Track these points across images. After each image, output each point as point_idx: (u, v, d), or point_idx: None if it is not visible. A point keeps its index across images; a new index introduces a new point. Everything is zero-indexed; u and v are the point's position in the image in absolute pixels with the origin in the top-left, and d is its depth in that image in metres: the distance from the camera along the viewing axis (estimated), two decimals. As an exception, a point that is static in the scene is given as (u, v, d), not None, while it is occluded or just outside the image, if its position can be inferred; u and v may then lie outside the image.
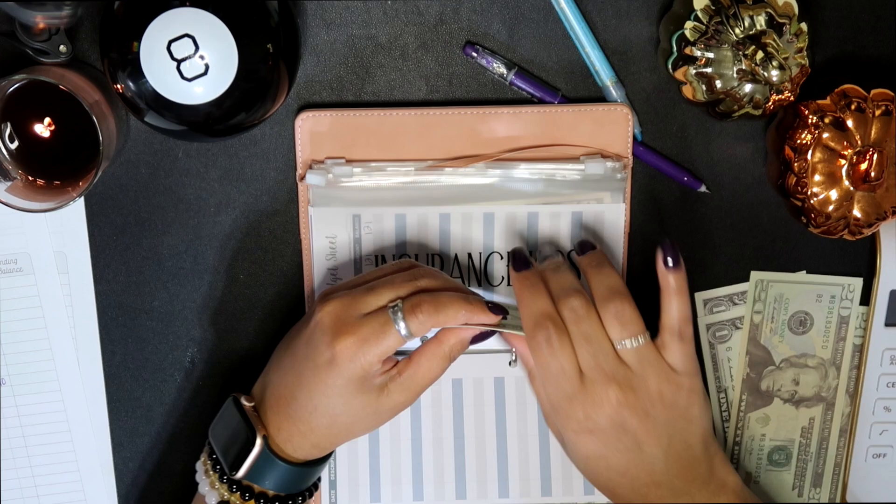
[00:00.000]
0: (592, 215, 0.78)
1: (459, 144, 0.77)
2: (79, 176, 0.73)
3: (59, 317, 0.79)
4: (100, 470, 0.82)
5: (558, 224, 0.78)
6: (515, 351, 0.75)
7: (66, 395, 0.80)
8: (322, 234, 0.78)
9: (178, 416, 0.82)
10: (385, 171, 0.77)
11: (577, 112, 0.77)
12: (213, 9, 0.67)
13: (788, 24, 0.72)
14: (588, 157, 0.77)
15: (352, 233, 0.78)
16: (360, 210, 0.77)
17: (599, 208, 0.78)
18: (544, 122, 0.77)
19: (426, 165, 0.77)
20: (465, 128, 0.77)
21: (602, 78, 0.77)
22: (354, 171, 0.77)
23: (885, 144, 0.74)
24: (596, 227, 0.78)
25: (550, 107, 0.77)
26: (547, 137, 0.77)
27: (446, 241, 0.78)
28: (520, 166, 0.77)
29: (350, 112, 0.77)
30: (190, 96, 0.68)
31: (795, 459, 0.84)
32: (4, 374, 0.79)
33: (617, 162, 0.77)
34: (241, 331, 0.81)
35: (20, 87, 0.71)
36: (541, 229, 0.78)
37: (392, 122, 0.77)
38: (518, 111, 0.77)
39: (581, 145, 0.77)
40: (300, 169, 0.77)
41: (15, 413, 0.80)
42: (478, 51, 0.76)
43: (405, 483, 0.81)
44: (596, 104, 0.77)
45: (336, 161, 0.77)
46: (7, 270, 0.78)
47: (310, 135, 0.77)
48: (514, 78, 0.77)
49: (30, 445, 0.81)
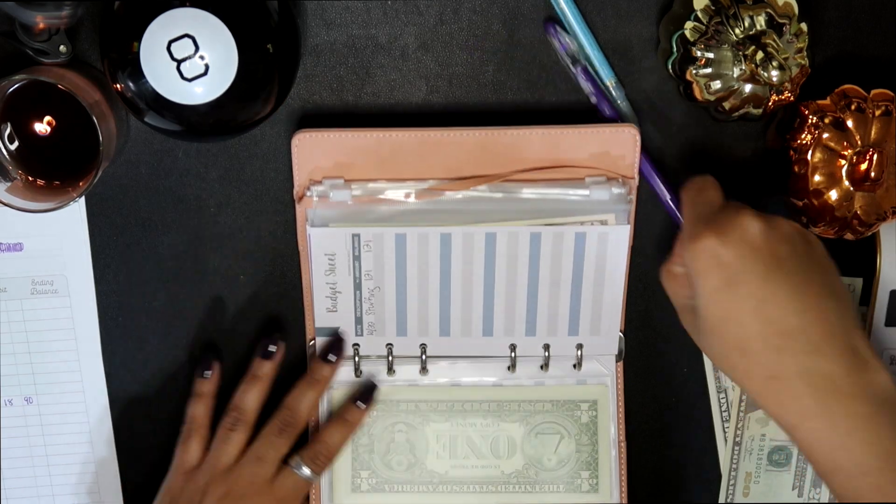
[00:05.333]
0: (596, 237, 0.77)
1: (461, 165, 0.76)
2: (79, 176, 0.73)
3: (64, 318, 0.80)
4: (105, 470, 0.82)
5: (561, 245, 0.77)
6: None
7: (66, 395, 0.81)
8: (321, 252, 0.78)
9: (178, 416, 0.82)
10: (384, 192, 0.76)
11: (582, 133, 0.76)
12: (213, 9, 0.67)
13: (788, 24, 0.72)
14: (593, 181, 0.76)
15: (351, 251, 0.77)
16: (360, 230, 0.77)
17: (604, 230, 0.77)
18: (549, 143, 0.76)
19: (427, 186, 0.77)
20: (466, 149, 0.76)
21: (602, 79, 0.77)
22: (353, 192, 0.76)
23: (885, 144, 0.74)
24: (599, 249, 0.77)
25: (555, 128, 0.76)
26: (551, 158, 0.76)
27: (447, 260, 0.78)
28: (523, 189, 0.76)
29: (348, 132, 0.76)
30: (190, 96, 0.68)
31: (795, 459, 0.84)
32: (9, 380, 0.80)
33: (622, 187, 0.76)
34: (241, 331, 0.81)
35: (20, 87, 0.71)
36: (543, 250, 0.77)
37: (391, 142, 0.76)
38: (521, 132, 0.76)
39: (586, 167, 0.76)
40: (297, 190, 0.77)
41: (20, 414, 0.81)
42: (556, 30, 0.75)
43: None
44: (602, 126, 0.76)
45: (334, 182, 0.77)
46: (42, 292, 0.79)
47: (306, 155, 0.76)
48: (580, 72, 0.76)
49: (45, 445, 0.81)
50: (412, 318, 0.79)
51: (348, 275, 0.78)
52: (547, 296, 0.79)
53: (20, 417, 0.81)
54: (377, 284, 0.78)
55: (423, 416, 0.81)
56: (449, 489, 0.81)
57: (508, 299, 0.79)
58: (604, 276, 0.78)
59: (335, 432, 0.79)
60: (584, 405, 0.81)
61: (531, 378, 0.81)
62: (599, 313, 0.79)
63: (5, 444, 0.81)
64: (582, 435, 0.81)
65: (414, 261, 0.78)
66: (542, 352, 0.80)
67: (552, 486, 0.82)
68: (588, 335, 0.80)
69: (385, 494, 0.81)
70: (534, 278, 0.78)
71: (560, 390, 0.81)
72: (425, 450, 0.81)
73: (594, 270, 0.78)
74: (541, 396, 0.81)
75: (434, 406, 0.81)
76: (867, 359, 0.66)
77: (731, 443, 0.83)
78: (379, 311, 0.79)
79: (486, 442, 0.81)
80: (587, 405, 0.81)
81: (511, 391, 0.81)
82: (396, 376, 0.81)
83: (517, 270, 0.78)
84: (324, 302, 0.79)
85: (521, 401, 0.81)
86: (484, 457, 0.81)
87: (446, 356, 0.81)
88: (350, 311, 0.79)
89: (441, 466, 0.81)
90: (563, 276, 0.78)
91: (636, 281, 0.81)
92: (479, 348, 0.80)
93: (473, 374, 0.81)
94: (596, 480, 0.81)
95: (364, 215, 0.77)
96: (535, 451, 0.82)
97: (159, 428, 0.82)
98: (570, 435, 0.82)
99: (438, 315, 0.79)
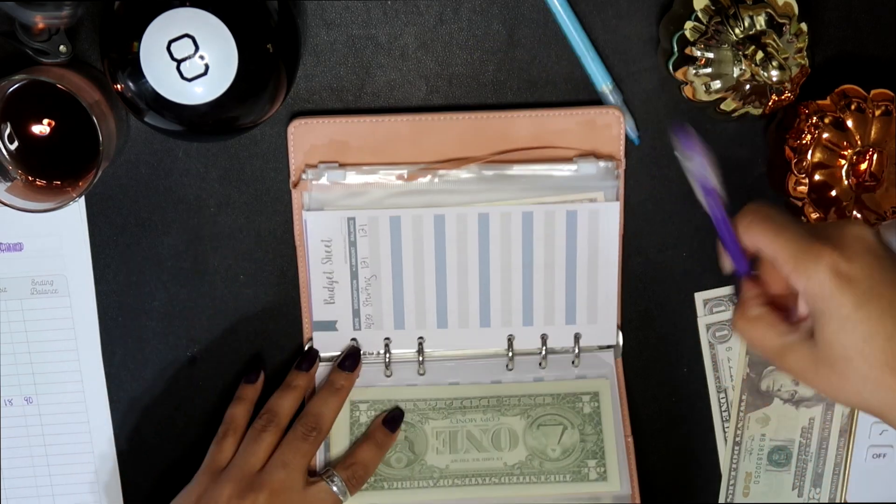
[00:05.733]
0: (587, 214, 0.78)
1: (452, 148, 0.78)
2: (79, 176, 0.73)
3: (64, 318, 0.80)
4: (105, 470, 0.82)
5: (553, 223, 0.78)
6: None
7: (66, 395, 0.81)
8: (317, 238, 0.78)
9: (178, 416, 0.82)
10: (378, 173, 0.77)
11: (569, 115, 0.77)
12: (213, 9, 0.67)
13: (788, 24, 0.72)
14: (580, 158, 0.78)
15: (347, 235, 0.78)
16: (355, 213, 0.78)
17: (594, 207, 0.78)
18: (537, 126, 0.77)
19: (419, 168, 0.77)
20: (457, 132, 0.77)
21: (598, 83, 0.77)
22: (348, 174, 0.77)
23: (885, 144, 0.74)
24: (591, 227, 0.78)
25: (543, 110, 0.77)
26: (540, 140, 0.78)
27: (441, 244, 0.78)
28: (513, 168, 0.77)
29: (342, 119, 0.77)
30: (190, 96, 0.68)
31: (795, 459, 0.84)
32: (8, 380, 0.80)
33: (609, 162, 0.77)
34: (241, 331, 0.81)
35: (20, 87, 0.71)
36: (535, 228, 0.78)
37: (385, 128, 0.77)
38: (511, 115, 0.77)
39: (574, 147, 0.78)
40: (293, 175, 0.78)
41: (21, 413, 0.81)
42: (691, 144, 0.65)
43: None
44: (588, 108, 0.77)
45: (329, 165, 0.77)
46: (42, 292, 0.79)
47: (302, 141, 0.77)
48: (710, 198, 0.66)
49: (45, 450, 0.81)
50: (409, 309, 0.80)
51: (345, 262, 0.78)
52: (542, 280, 0.79)
53: (20, 417, 0.81)
54: (373, 273, 0.79)
55: (421, 415, 0.81)
56: (451, 483, 0.81)
57: (504, 285, 0.79)
58: (597, 259, 0.79)
59: (370, 454, 0.79)
60: (586, 397, 0.81)
61: (530, 374, 0.81)
62: (595, 299, 0.80)
63: (5, 444, 0.81)
64: (585, 425, 0.81)
65: (409, 245, 0.78)
66: (540, 343, 0.80)
67: (558, 477, 0.81)
68: (585, 324, 0.80)
69: (384, 493, 0.81)
70: (528, 261, 0.79)
71: (559, 385, 0.81)
72: (424, 446, 0.81)
73: (587, 252, 0.79)
74: (540, 391, 0.81)
75: (433, 405, 0.81)
76: None
77: (731, 443, 0.83)
78: (376, 301, 0.79)
79: (486, 435, 0.81)
80: (588, 397, 0.81)
81: (510, 388, 0.81)
82: (395, 377, 0.81)
83: (511, 253, 0.79)
84: (321, 293, 0.79)
85: (520, 395, 0.81)
86: (485, 450, 0.81)
87: (444, 354, 0.81)
88: (347, 302, 0.79)
89: (441, 461, 0.81)
90: (556, 258, 0.79)
91: (635, 280, 0.81)
92: (476, 340, 0.81)
93: (471, 376, 0.81)
94: (604, 469, 0.81)
95: (359, 198, 0.77)
96: (537, 443, 0.81)
97: (159, 428, 0.82)
98: (574, 425, 0.81)
99: (435, 305, 0.80)
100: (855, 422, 0.82)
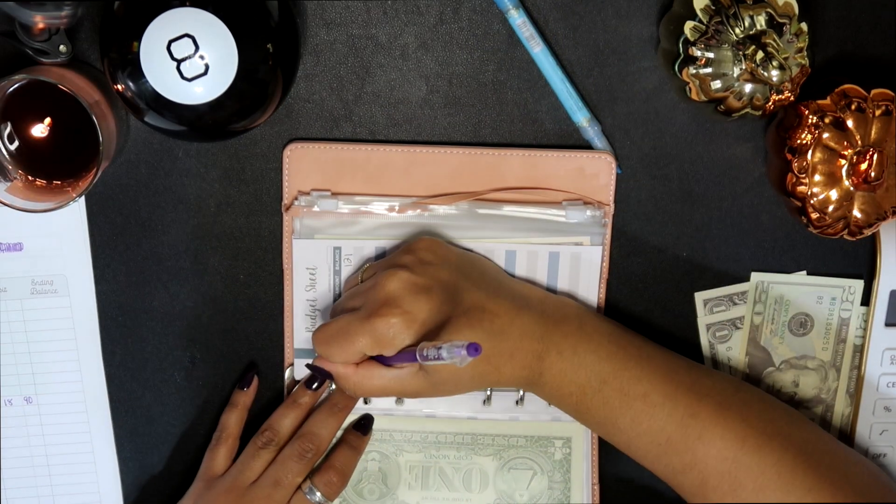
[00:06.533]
0: (569, 256, 0.78)
1: (445, 181, 0.78)
2: (79, 176, 0.73)
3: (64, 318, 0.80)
4: (105, 470, 0.82)
5: (535, 263, 0.78)
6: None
7: (66, 395, 0.81)
8: (302, 266, 0.78)
9: (178, 416, 0.82)
10: (369, 205, 0.77)
11: (561, 158, 0.77)
12: (213, 9, 0.67)
13: (788, 24, 0.72)
14: (570, 204, 0.78)
15: (332, 265, 0.78)
16: (342, 243, 0.78)
17: (576, 250, 0.78)
18: (529, 166, 0.77)
19: (411, 202, 0.77)
20: (451, 166, 0.77)
21: (577, 118, 0.77)
22: (339, 203, 0.77)
23: (885, 144, 0.74)
24: (572, 268, 0.78)
25: (535, 150, 0.77)
26: (531, 180, 0.78)
27: None
28: (502, 207, 0.77)
29: (337, 145, 0.77)
30: (190, 96, 0.68)
31: (796, 460, 0.83)
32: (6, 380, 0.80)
33: (598, 210, 0.77)
34: (240, 331, 0.81)
35: (20, 87, 0.71)
36: (518, 266, 0.78)
37: (379, 157, 0.77)
38: (504, 153, 0.77)
39: (564, 190, 0.78)
40: (286, 199, 0.78)
41: (22, 413, 0.81)
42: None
43: None
44: (580, 151, 0.77)
45: (322, 193, 0.77)
46: (42, 292, 0.79)
47: (297, 167, 0.77)
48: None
49: (45, 452, 0.81)
50: None
51: (328, 291, 0.79)
52: None
53: (20, 417, 0.81)
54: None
55: (396, 446, 0.81)
56: None
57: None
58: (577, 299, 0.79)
59: (345, 458, 0.79)
60: (559, 442, 0.81)
61: (506, 412, 0.81)
62: None
63: (5, 444, 0.81)
64: (555, 472, 0.82)
65: None
66: None
67: None
68: None
69: None
70: None
71: (534, 426, 0.81)
72: (397, 479, 0.81)
73: (567, 292, 0.79)
74: (515, 431, 0.81)
75: (408, 437, 0.81)
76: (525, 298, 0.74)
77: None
78: None
79: (458, 474, 0.82)
80: (561, 442, 0.81)
81: (485, 425, 0.81)
82: (372, 404, 0.81)
83: None
84: (303, 321, 0.79)
85: (494, 435, 0.81)
86: (455, 489, 0.82)
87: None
88: None
89: (412, 497, 0.82)
90: None
91: (636, 280, 0.81)
92: None
93: (449, 409, 0.81)
94: None
95: (349, 227, 0.77)
96: (507, 486, 0.82)
97: (159, 428, 0.82)
98: (543, 471, 0.82)
99: None
100: (855, 422, 0.82)
